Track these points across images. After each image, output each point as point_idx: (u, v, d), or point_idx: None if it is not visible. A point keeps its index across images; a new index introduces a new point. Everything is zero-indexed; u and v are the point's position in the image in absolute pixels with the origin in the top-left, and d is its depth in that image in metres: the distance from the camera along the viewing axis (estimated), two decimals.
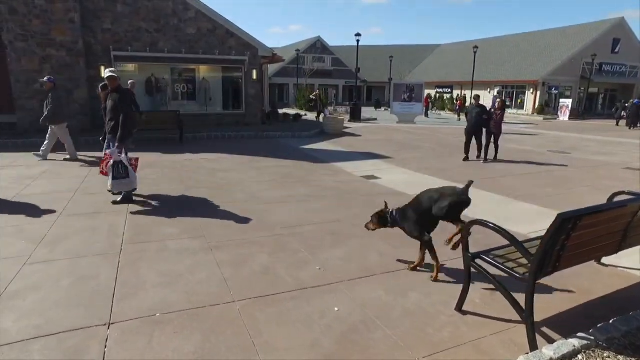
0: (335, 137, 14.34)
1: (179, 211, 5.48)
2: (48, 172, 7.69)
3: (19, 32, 12.16)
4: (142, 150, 10.22)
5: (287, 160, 9.57)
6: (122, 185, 5.60)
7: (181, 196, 6.26)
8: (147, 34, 14.05)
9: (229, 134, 12.97)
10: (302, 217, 5.45)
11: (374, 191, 7.02)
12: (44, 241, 4.33)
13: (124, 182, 5.57)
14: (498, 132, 10.44)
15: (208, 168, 8.39)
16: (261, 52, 15.72)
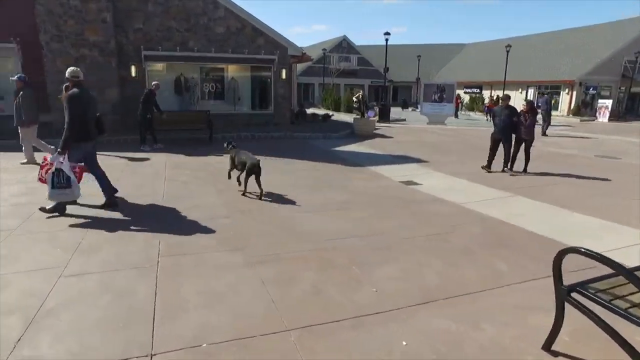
0: (366, 139, 13.90)
1: (213, 219, 5.20)
2: None
3: (54, 32, 12.24)
4: (171, 151, 10.11)
5: (320, 163, 9.21)
6: (62, 195, 4.99)
7: (214, 201, 5.98)
8: (177, 33, 13.96)
9: (258, 135, 12.73)
10: (344, 227, 5.08)
11: (417, 199, 6.58)
12: (79, 249, 4.10)
13: (65, 193, 4.97)
14: (530, 138, 8.80)
15: None
16: (290, 51, 15.43)
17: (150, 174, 7.65)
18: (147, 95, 10.45)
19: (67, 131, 4.96)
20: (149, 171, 7.90)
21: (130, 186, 6.69)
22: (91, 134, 5.36)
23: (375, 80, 48.75)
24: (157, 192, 6.39)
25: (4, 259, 3.88)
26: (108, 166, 8.18)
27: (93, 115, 5.39)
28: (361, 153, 11.02)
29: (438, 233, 4.96)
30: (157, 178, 7.29)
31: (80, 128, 5.06)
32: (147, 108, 10.43)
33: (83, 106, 5.10)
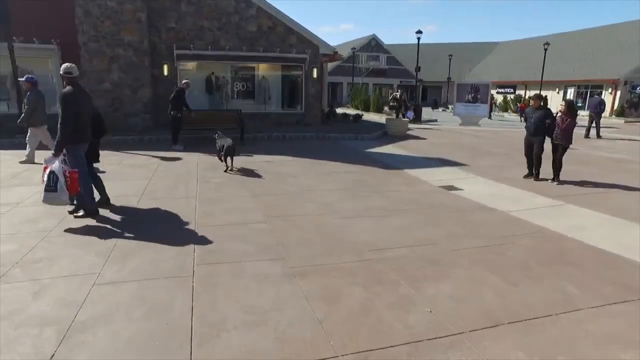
0: (399, 140, 13.47)
1: (249, 224, 4.97)
2: (114, 173, 7.52)
3: (92, 33, 12.41)
4: (202, 150, 9.99)
5: (355, 165, 8.89)
6: (49, 198, 4.66)
7: (249, 205, 5.76)
8: (209, 32, 13.93)
9: (289, 135, 12.52)
10: (388, 236, 4.74)
11: (461, 205, 6.17)
12: (112, 256, 3.93)
13: (52, 196, 4.63)
14: (565, 143, 7.65)
15: (273, 172, 7.89)
16: (322, 50, 15.16)
17: (182, 174, 7.52)
18: (177, 93, 10.36)
19: (61, 133, 4.60)
20: (181, 171, 7.79)
21: (164, 187, 6.57)
22: (87, 135, 4.96)
23: (404, 80, 47.93)
24: (190, 193, 6.23)
25: (43, 262, 3.76)
26: (140, 166, 8.20)
27: (89, 115, 4.99)
28: (396, 155, 10.62)
29: (489, 245, 4.56)
30: (190, 179, 7.15)
31: (75, 129, 4.68)
32: (177, 106, 10.34)
33: (77, 106, 4.71)
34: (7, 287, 3.32)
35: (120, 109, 12.94)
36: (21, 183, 6.68)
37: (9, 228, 4.66)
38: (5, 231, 4.57)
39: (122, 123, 12.92)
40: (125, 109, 13.03)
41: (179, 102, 10.39)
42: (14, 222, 4.87)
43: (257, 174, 7.72)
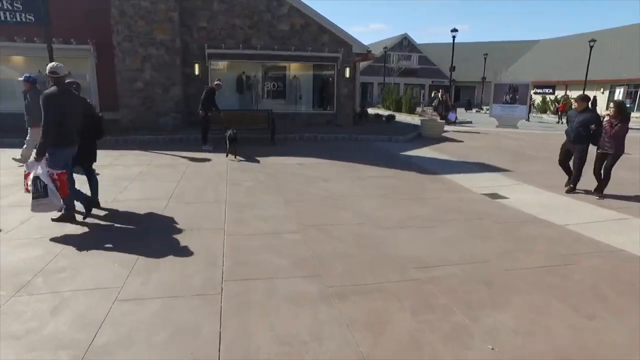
0: (435, 142, 12.87)
1: (282, 233, 4.62)
2: (144, 174, 7.37)
3: (126, 33, 12.45)
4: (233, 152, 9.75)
5: (391, 170, 8.42)
6: (40, 206, 4.39)
7: (282, 212, 5.42)
8: (240, 31, 13.75)
9: (321, 136, 12.15)
10: (434, 250, 4.29)
11: (509, 216, 5.62)
12: (137, 266, 3.67)
13: (43, 203, 4.36)
14: (616, 151, 6.60)
15: (306, 176, 7.54)
16: (355, 49, 14.72)
17: (212, 176, 7.29)
18: (208, 92, 10.16)
19: (43, 136, 4.32)
20: (210, 173, 7.55)
21: (192, 190, 6.33)
22: (71, 138, 4.64)
23: (436, 80, 46.79)
24: (219, 197, 5.96)
25: (66, 272, 3.54)
26: (169, 166, 8.02)
27: (76, 117, 4.66)
28: (433, 159, 10.07)
29: (549, 265, 4.04)
30: (220, 182, 6.90)
31: (59, 132, 4.39)
32: (207, 106, 10.15)
33: (61, 107, 4.40)
34: (28, 300, 3.10)
35: (151, 107, 12.94)
36: None
37: (36, 231, 4.50)
38: (33, 235, 4.41)
39: (153, 122, 12.93)
40: (156, 107, 13.03)
41: (210, 102, 10.21)
42: (42, 224, 4.72)
43: (289, 177, 7.38)
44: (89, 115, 5.08)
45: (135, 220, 4.92)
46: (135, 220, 4.90)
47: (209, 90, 10.19)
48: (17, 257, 3.84)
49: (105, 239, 4.31)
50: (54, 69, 4.53)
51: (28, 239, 4.30)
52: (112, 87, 12.97)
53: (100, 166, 7.89)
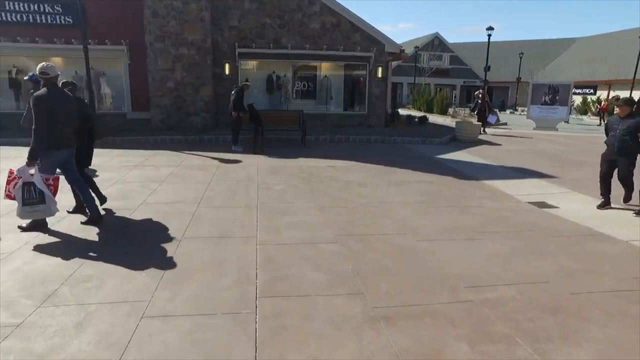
0: (470, 145, 12.28)
1: (318, 243, 4.31)
2: (174, 175, 7.23)
3: (158, 33, 12.48)
4: (264, 153, 9.55)
5: (428, 174, 7.98)
6: (35, 212, 4.24)
7: (316, 219, 5.11)
8: (271, 30, 13.57)
9: (352, 137, 11.80)
10: (484, 267, 3.88)
11: (563, 229, 5.11)
12: (165, 277, 3.44)
13: (38, 209, 4.22)
14: None
15: (340, 180, 7.21)
16: (388, 48, 14.28)
17: (242, 178, 7.07)
18: (239, 92, 9.99)
19: (33, 139, 4.13)
20: (240, 175, 7.34)
21: (222, 193, 6.11)
22: (64, 140, 4.43)
23: (468, 80, 45.56)
24: (250, 202, 5.72)
25: (92, 282, 3.35)
26: (199, 168, 7.87)
27: (69, 119, 4.45)
28: (471, 163, 9.54)
29: (623, 290, 3.55)
30: (251, 184, 6.67)
31: (49, 135, 4.20)
32: (239, 106, 9.99)
33: (51, 110, 4.20)
34: (53, 312, 2.92)
35: (182, 107, 12.94)
36: None
37: (64, 236, 4.37)
38: (61, 238, 4.28)
39: (183, 122, 12.93)
40: (186, 107, 13.02)
41: (241, 102, 10.06)
42: (71, 228, 4.60)
43: (322, 181, 7.08)
44: (85, 115, 4.89)
45: (163, 225, 4.72)
46: (163, 226, 4.70)
47: (240, 90, 10.04)
48: (43, 262, 3.70)
49: (133, 245, 4.13)
50: (44, 69, 4.30)
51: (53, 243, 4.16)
52: (143, 87, 13.05)
53: (130, 166, 7.86)
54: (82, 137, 4.89)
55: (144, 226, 4.68)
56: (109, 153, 9.25)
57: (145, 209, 5.31)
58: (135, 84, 13.32)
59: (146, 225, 4.70)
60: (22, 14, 12.52)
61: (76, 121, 4.59)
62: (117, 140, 10.89)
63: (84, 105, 5.01)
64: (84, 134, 4.93)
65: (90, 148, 5.26)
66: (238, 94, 9.94)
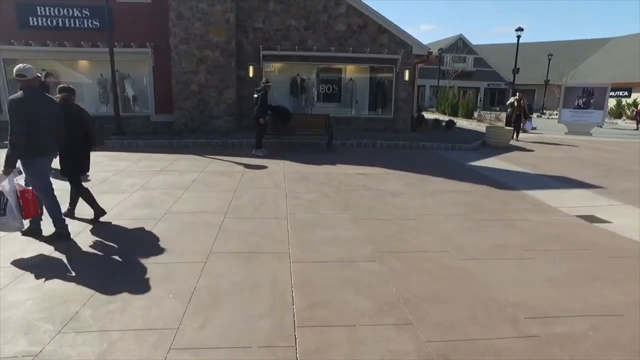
0: (502, 152, 11.72)
1: (356, 262, 3.96)
2: (198, 182, 7.00)
3: (182, 35, 12.38)
4: (287, 157, 9.25)
5: (463, 183, 7.54)
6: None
7: (351, 233, 4.76)
8: (296, 32, 13.31)
9: (380, 142, 11.39)
10: (544, 294, 3.46)
11: (624, 249, 4.63)
12: (194, 301, 3.14)
13: None
14: None
15: (372, 188, 6.84)
16: (415, 50, 13.83)
17: (269, 186, 6.77)
18: (263, 96, 9.64)
19: (10, 146, 3.84)
20: (267, 182, 7.05)
21: (250, 203, 5.82)
22: (46, 146, 4.14)
23: (492, 83, 44.51)
24: (280, 213, 5.41)
25: (116, 304, 3.08)
26: (224, 174, 7.60)
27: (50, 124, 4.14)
28: (506, 171, 9.02)
29: None
30: (278, 193, 6.36)
31: (30, 141, 3.90)
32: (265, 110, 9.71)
33: (28, 114, 3.89)
34: (74, 340, 2.65)
35: (205, 110, 12.79)
36: (107, 190, 6.36)
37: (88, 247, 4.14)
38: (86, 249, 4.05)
39: (206, 125, 12.77)
40: (209, 110, 12.86)
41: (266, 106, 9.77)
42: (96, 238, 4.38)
43: (353, 189, 6.72)
44: (76, 119, 4.60)
45: (189, 238, 4.45)
46: (189, 239, 4.43)
47: (264, 94, 9.70)
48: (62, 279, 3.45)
49: (157, 261, 3.85)
50: (20, 71, 3.99)
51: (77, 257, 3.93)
52: (167, 89, 12.97)
53: (153, 172, 7.66)
54: (75, 142, 4.62)
55: (169, 239, 4.42)
56: (132, 157, 9.12)
57: (169, 218, 5.06)
58: (159, 86, 13.25)
59: (171, 238, 4.44)
60: (51, 18, 12.63)
61: (62, 126, 4.30)
62: (140, 143, 10.79)
63: (77, 110, 4.71)
64: (77, 139, 4.64)
65: (86, 154, 4.90)
66: (263, 97, 9.65)
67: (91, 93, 13.75)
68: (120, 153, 9.61)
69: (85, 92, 13.74)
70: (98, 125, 12.94)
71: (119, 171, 7.64)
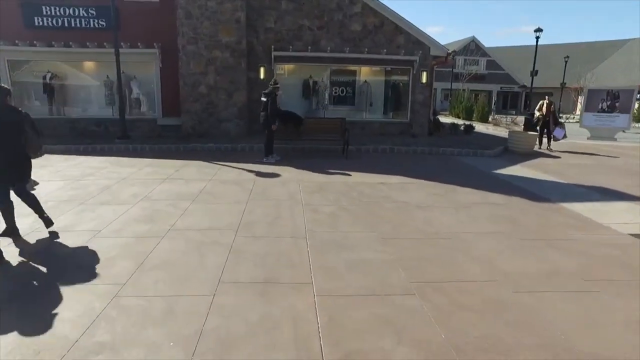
0: (527, 158, 11.03)
1: (390, 295, 3.36)
2: (206, 192, 6.45)
3: (191, 35, 11.90)
4: (300, 165, 8.65)
5: (493, 194, 6.89)
6: None
7: (381, 255, 4.15)
8: (309, 32, 12.76)
9: (397, 148, 10.77)
10: (625, 341, 2.83)
11: None
12: (200, 350, 2.56)
13: None
14: None
15: (396, 200, 6.23)
16: (433, 51, 13.21)
17: (284, 198, 6.19)
18: (274, 99, 8.95)
19: None
20: (281, 193, 6.47)
21: (263, 218, 5.24)
22: None
23: (505, 86, 43.69)
24: (297, 230, 4.82)
25: (104, 355, 2.51)
26: (234, 183, 6.99)
27: None
28: (537, 180, 8.35)
29: None
30: (294, 206, 5.78)
31: None
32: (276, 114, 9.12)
33: None
34: None
35: (214, 114, 12.28)
36: (108, 200, 5.84)
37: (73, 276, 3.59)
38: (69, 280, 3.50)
39: (215, 129, 12.26)
40: (218, 114, 12.35)
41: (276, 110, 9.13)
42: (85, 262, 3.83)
43: (375, 201, 6.11)
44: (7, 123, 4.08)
45: (196, 262, 3.88)
46: (196, 264, 3.86)
47: (274, 97, 9.03)
48: (38, 319, 2.90)
49: (157, 294, 3.29)
50: None
51: (41, 286, 3.38)
52: (175, 91, 12.49)
53: (158, 179, 7.13)
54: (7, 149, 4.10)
55: (172, 262, 3.85)
56: (136, 163, 8.61)
57: (173, 236, 4.51)
58: (167, 88, 12.78)
59: (174, 261, 3.88)
60: (57, 18, 12.22)
61: None
62: (146, 148, 10.30)
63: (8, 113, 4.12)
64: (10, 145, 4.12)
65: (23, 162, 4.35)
66: (274, 102, 8.98)
67: (97, 95, 13.33)
68: (123, 159, 9.11)
69: (91, 93, 13.33)
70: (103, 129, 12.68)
71: (121, 179, 7.12)
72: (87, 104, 13.41)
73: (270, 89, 9.03)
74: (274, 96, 8.97)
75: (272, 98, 8.92)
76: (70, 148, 10.06)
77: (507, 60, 43.65)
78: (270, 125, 8.97)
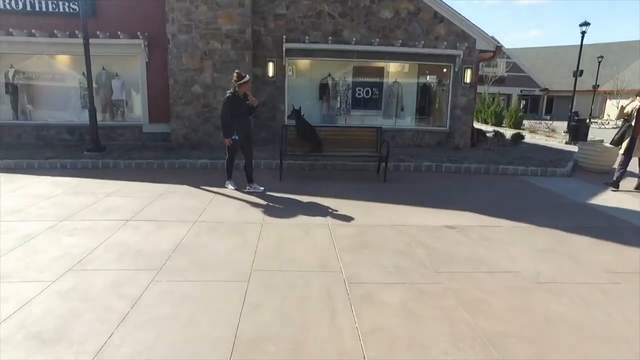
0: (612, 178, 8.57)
1: None
2: (182, 253, 4.08)
3: (183, 22, 9.58)
4: (327, 194, 6.10)
5: (623, 248, 4.44)
6: None
7: None
8: (329, 20, 10.39)
9: (445, 166, 8.29)
10: None
11: None
12: None
13: None
14: None
15: (493, 265, 3.77)
16: (479, 45, 10.83)
17: (310, 266, 3.77)
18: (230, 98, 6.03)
19: None
20: (305, 255, 4.00)
21: (280, 312, 2.84)
22: None
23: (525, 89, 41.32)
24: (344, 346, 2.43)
25: None
26: (230, 229, 4.00)
27: None
28: None
29: None
30: (331, 285, 3.37)
31: None
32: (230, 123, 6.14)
33: None
34: None
35: (210, 119, 9.92)
36: (13, 269, 3.48)
37: None
38: None
39: (212, 138, 9.90)
40: (216, 119, 9.94)
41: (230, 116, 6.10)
42: None
43: (462, 271, 3.66)
44: None
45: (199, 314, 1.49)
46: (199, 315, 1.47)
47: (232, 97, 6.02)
48: None
49: None
50: None
51: None
52: (163, 92, 10.20)
53: (118, 222, 4.49)
54: None
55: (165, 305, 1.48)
56: (101, 189, 6.27)
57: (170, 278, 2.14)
58: (154, 88, 10.49)
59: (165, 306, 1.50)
60: None
61: None
62: (121, 164, 7.97)
63: None
64: None
65: None
66: (227, 102, 5.99)
67: (71, 96, 11.06)
68: (86, 180, 6.78)
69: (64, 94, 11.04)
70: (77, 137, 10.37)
71: (61, 220, 4.75)
72: (59, 107, 11.12)
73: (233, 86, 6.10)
74: (231, 96, 6.01)
75: (229, 97, 6.02)
76: (21, 164, 7.75)
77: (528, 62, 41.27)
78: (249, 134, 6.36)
